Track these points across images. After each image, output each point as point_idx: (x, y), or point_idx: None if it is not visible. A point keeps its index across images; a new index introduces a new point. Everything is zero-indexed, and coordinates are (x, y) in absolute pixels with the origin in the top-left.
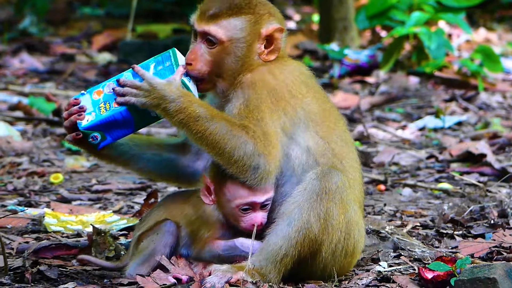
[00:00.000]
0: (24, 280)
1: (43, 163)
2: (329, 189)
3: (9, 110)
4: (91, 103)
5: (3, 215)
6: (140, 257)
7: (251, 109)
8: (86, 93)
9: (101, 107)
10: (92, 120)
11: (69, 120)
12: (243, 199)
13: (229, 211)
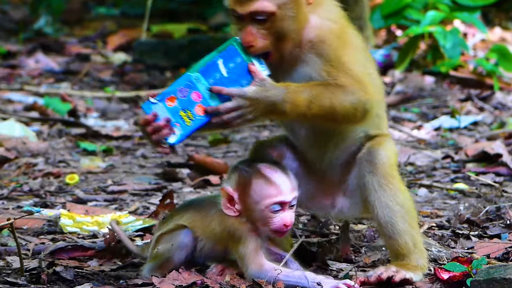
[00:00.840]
0: (40, 281)
1: (59, 164)
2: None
3: (24, 111)
4: (169, 112)
5: (19, 216)
6: (156, 261)
7: (336, 65)
8: (158, 102)
9: (183, 116)
10: (180, 134)
11: (159, 136)
12: (272, 198)
13: (258, 214)
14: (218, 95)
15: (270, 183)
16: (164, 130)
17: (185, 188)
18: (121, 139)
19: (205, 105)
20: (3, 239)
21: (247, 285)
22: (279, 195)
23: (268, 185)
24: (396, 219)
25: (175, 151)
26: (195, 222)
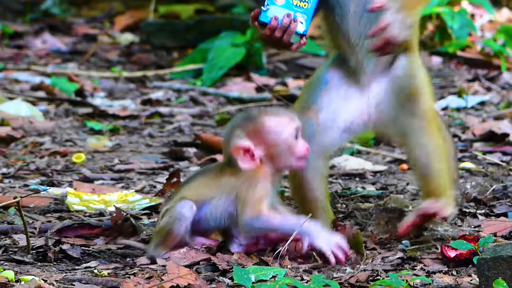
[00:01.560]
0: (47, 259)
1: (66, 143)
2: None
3: (31, 90)
4: (286, 8)
5: (26, 195)
6: (158, 237)
7: None
8: (270, 6)
9: (298, 4)
10: (305, 20)
11: (289, 33)
12: (291, 125)
13: (282, 148)
14: None
15: (281, 115)
16: (292, 25)
17: (192, 167)
18: (128, 119)
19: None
20: (10, 217)
21: (254, 263)
22: (294, 122)
23: (281, 117)
24: (433, 160)
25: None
26: (200, 188)
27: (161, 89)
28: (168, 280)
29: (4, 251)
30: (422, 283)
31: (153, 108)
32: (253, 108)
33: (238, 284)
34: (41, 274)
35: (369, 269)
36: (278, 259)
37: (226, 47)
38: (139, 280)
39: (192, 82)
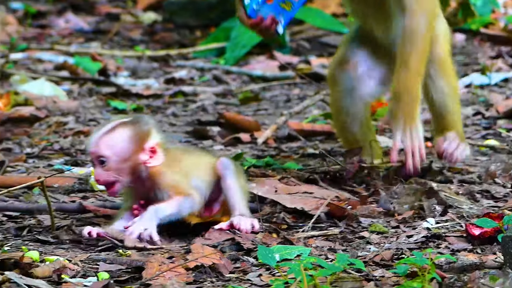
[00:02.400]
0: (71, 239)
1: (89, 123)
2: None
3: (55, 70)
4: (273, 10)
5: (50, 175)
6: None
7: None
8: (261, 5)
9: (284, 7)
10: (285, 21)
11: (268, 32)
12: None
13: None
14: None
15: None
16: (272, 26)
17: (216, 146)
18: (152, 98)
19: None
20: (34, 197)
21: (278, 242)
22: (87, 146)
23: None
24: (448, 101)
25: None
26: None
27: (184, 68)
28: (193, 259)
29: (28, 231)
30: (447, 261)
31: (176, 87)
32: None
33: (263, 263)
34: (65, 254)
35: (393, 248)
36: (303, 239)
37: None
38: (164, 259)
39: (215, 61)
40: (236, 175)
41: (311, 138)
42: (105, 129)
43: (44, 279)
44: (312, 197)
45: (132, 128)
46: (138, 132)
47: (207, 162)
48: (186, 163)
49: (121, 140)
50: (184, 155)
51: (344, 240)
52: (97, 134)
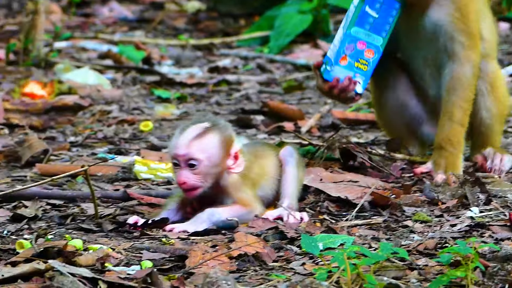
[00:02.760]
0: (115, 228)
1: (133, 111)
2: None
3: (99, 59)
4: (348, 69)
5: (93, 163)
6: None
7: (464, 14)
8: (334, 66)
9: (358, 66)
10: (364, 81)
11: (347, 93)
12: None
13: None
14: (377, 32)
15: (174, 137)
16: (350, 86)
17: (259, 135)
18: (195, 86)
19: (372, 48)
20: (78, 186)
21: (322, 231)
22: (174, 149)
23: (173, 138)
24: (495, 121)
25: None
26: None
27: (228, 57)
28: (236, 248)
29: (72, 220)
30: (491, 250)
31: (220, 75)
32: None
33: (306, 252)
34: (109, 242)
35: (437, 237)
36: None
37: (293, 14)
38: (207, 248)
39: (259, 50)
40: (296, 164)
41: (355, 127)
42: (194, 132)
43: (88, 268)
44: (357, 186)
45: (220, 133)
46: (226, 137)
47: (275, 164)
48: (256, 172)
49: (213, 145)
50: (255, 163)
51: (388, 229)
52: (185, 137)
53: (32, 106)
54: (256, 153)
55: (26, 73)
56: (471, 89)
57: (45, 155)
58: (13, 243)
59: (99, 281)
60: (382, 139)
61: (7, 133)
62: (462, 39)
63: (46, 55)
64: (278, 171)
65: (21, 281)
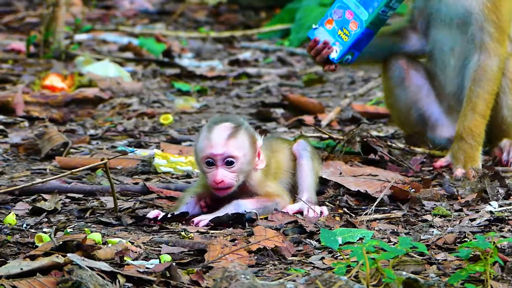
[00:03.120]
0: (134, 221)
1: (153, 104)
2: None
3: (119, 51)
4: (329, 34)
5: (113, 156)
6: None
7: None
8: (319, 27)
9: (340, 34)
10: (340, 50)
11: (321, 56)
12: (204, 151)
13: (200, 168)
14: (365, 6)
15: (204, 137)
16: (324, 50)
17: (279, 128)
18: (216, 79)
19: (357, 21)
20: (97, 179)
21: (341, 225)
22: (208, 149)
23: (203, 138)
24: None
25: (338, 67)
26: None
27: (248, 50)
28: (255, 242)
29: (91, 213)
30: (510, 245)
31: (240, 68)
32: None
33: (325, 246)
34: (128, 236)
35: (456, 231)
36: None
37: (314, 6)
38: (226, 242)
39: (280, 42)
40: (311, 157)
41: (375, 120)
42: (227, 131)
43: (107, 261)
44: (376, 180)
45: (248, 131)
46: (253, 135)
47: (289, 158)
48: (274, 166)
49: (247, 143)
50: (272, 157)
51: (407, 223)
52: (219, 136)
53: (52, 98)
54: (272, 147)
55: (47, 66)
56: (496, 82)
57: (65, 148)
58: (32, 236)
59: (118, 275)
60: (401, 133)
61: (27, 126)
62: (491, 30)
63: (67, 47)
64: (292, 165)
65: (40, 274)
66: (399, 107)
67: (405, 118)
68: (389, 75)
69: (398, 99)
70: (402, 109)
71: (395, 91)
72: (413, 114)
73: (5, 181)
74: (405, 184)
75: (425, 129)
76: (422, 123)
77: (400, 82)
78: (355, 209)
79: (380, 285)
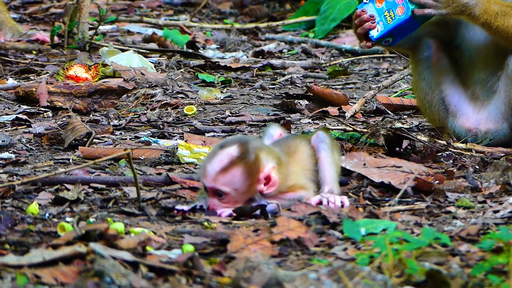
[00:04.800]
0: (157, 212)
1: (177, 95)
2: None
3: (143, 42)
4: (376, 12)
5: (136, 147)
6: None
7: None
8: (369, 2)
9: (386, 15)
10: (381, 31)
11: (362, 27)
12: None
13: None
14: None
15: (204, 161)
16: (367, 24)
17: (303, 119)
18: (240, 71)
19: (405, 7)
20: (120, 169)
21: (364, 216)
22: (202, 177)
23: (203, 162)
24: None
25: (374, 45)
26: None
27: (273, 41)
28: (278, 232)
29: (114, 203)
30: None
31: (265, 60)
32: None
33: (348, 237)
34: (150, 226)
35: (479, 223)
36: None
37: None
38: (249, 232)
39: (305, 34)
40: (330, 149)
41: (400, 112)
42: (220, 164)
43: (129, 251)
44: (400, 171)
45: (247, 162)
46: (252, 165)
47: (309, 155)
48: (294, 170)
49: (239, 178)
50: (290, 161)
51: (431, 214)
52: (212, 168)
53: (76, 89)
54: (288, 150)
55: (71, 56)
56: None
57: (88, 138)
58: (55, 225)
59: (140, 264)
60: (426, 125)
61: (51, 116)
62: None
63: (91, 38)
64: (314, 160)
65: (62, 264)
66: (422, 88)
67: (427, 102)
68: (417, 55)
69: (422, 80)
70: (426, 90)
71: (421, 70)
72: (436, 97)
73: (28, 171)
74: (428, 176)
75: (447, 116)
76: (444, 109)
77: (427, 62)
78: (379, 200)
79: (402, 276)
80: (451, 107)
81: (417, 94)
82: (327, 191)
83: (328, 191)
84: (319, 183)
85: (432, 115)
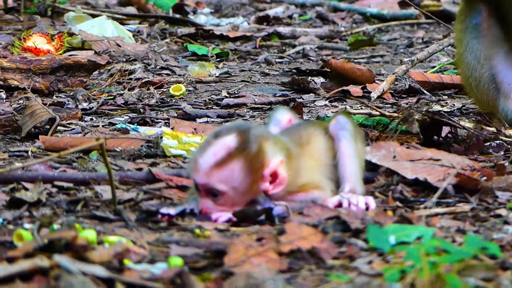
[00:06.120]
0: (137, 216)
1: (161, 71)
2: None
3: (119, 6)
4: None
5: (111, 136)
6: None
7: None
8: None
9: None
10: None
11: None
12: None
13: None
14: None
15: (195, 154)
16: None
17: (319, 101)
18: (239, 41)
19: None
20: (91, 163)
21: (394, 221)
22: (193, 172)
23: (194, 155)
24: None
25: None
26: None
27: (281, 4)
28: (287, 242)
29: (84, 206)
30: None
31: (270, 27)
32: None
33: (374, 247)
34: (129, 234)
35: None
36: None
37: None
38: (251, 242)
39: None
40: (352, 138)
41: (438, 92)
42: (214, 157)
43: (103, 265)
44: (438, 165)
45: (247, 155)
46: (254, 158)
47: (326, 146)
48: (308, 164)
49: (238, 174)
50: (303, 154)
51: (476, 219)
52: (204, 162)
53: (36, 64)
54: (300, 140)
55: (29, 23)
56: None
57: (51, 125)
58: (11, 234)
59: (117, 281)
60: (471, 108)
61: (4, 98)
62: None
63: (54, 1)
64: (332, 153)
65: (20, 281)
66: (469, 62)
67: (474, 79)
68: (464, 21)
69: (469, 52)
70: (473, 65)
71: (467, 40)
72: (485, 74)
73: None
74: (474, 171)
75: (498, 98)
76: (495, 88)
77: (475, 30)
78: (412, 202)
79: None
80: (503, 86)
81: (461, 69)
82: (348, 190)
83: (349, 190)
84: (338, 181)
85: (479, 95)
